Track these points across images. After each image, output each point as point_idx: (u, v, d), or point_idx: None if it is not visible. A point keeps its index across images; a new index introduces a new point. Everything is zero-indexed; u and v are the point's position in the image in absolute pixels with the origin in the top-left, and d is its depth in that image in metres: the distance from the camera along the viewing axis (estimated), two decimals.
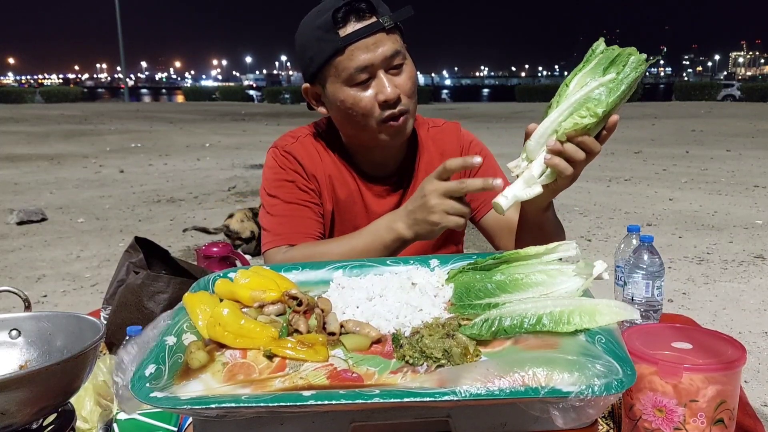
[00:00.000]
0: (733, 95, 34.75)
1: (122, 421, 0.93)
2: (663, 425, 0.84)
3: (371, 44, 1.30)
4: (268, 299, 0.97)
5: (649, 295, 1.28)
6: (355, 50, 1.29)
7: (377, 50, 1.30)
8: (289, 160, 1.48)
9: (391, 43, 1.32)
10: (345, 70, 1.31)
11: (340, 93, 1.34)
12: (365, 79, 1.32)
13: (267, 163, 1.52)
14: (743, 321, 3.88)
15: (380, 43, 1.30)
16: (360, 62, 1.30)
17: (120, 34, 47.40)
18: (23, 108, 31.54)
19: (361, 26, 1.30)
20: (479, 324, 0.87)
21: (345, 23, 1.30)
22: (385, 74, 1.32)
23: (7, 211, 7.06)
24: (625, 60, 1.10)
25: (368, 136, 1.39)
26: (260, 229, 1.56)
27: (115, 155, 12.52)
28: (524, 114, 24.48)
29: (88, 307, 3.96)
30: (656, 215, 6.65)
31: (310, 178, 1.48)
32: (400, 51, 1.34)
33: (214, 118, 23.86)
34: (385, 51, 1.31)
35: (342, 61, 1.30)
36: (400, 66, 1.34)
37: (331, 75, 1.34)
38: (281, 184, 1.47)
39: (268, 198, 1.49)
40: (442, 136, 1.57)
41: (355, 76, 1.31)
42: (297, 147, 1.49)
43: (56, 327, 0.92)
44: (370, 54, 1.30)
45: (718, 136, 14.45)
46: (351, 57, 1.30)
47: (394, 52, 1.32)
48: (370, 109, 1.33)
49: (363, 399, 0.70)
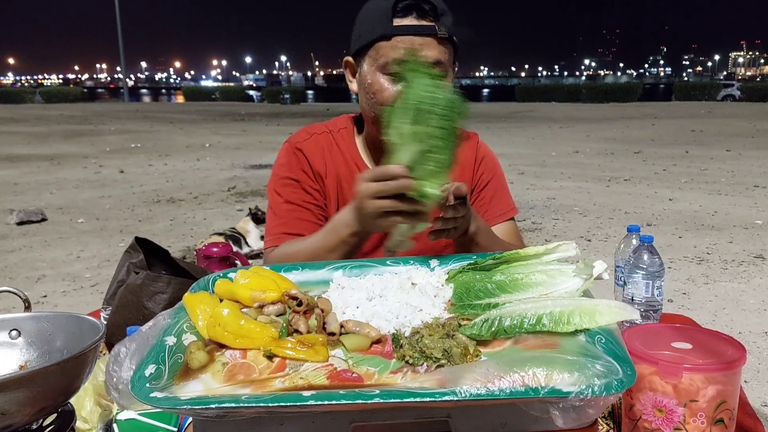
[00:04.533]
0: (733, 95, 34.74)
1: (122, 421, 0.93)
2: (663, 425, 0.84)
3: (417, 44, 1.31)
4: (268, 299, 0.97)
5: (649, 295, 1.28)
6: (400, 42, 1.31)
7: (420, 52, 1.30)
8: (298, 158, 1.49)
9: (437, 52, 1.32)
10: (383, 56, 1.32)
11: (371, 76, 1.36)
12: (398, 73, 1.33)
13: (278, 158, 1.53)
14: (743, 321, 3.88)
15: (427, 46, 1.31)
16: (399, 55, 1.30)
17: (120, 34, 47.39)
18: (23, 108, 31.54)
19: (416, 23, 1.31)
20: (479, 324, 0.87)
21: (404, 15, 1.32)
22: None
23: (7, 212, 7.06)
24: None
25: (378, 128, 1.39)
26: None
27: (115, 155, 12.52)
28: (524, 114, 24.49)
29: (88, 307, 3.96)
30: (656, 215, 6.65)
31: (317, 178, 1.49)
32: (443, 63, 1.34)
33: (214, 118, 23.85)
34: (427, 55, 1.31)
35: (384, 47, 1.32)
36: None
37: (370, 56, 1.35)
38: (287, 183, 1.49)
39: (273, 195, 1.51)
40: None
41: (389, 66, 1.32)
42: (309, 144, 1.50)
43: (56, 327, 0.92)
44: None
45: (718, 136, 14.46)
46: (394, 47, 1.31)
47: (435, 60, 1.32)
48: (389, 102, 1.34)
49: (363, 399, 0.70)
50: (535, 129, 17.33)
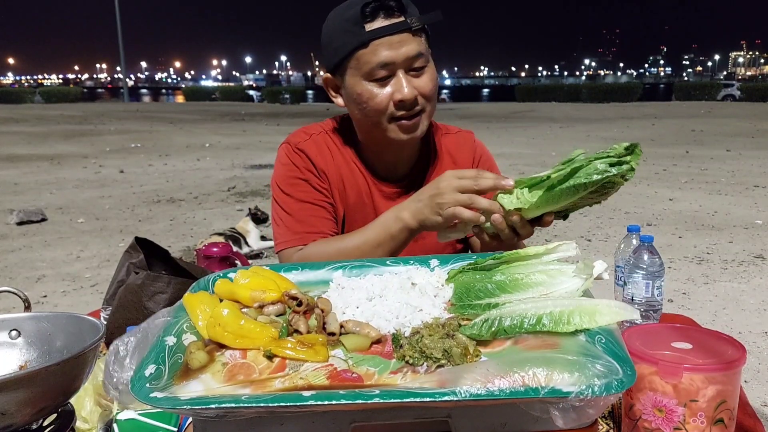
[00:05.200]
0: (733, 95, 34.74)
1: (122, 421, 0.93)
2: (663, 425, 0.84)
3: (395, 42, 1.31)
4: (268, 299, 0.97)
5: (649, 295, 1.28)
6: (379, 46, 1.31)
7: (400, 49, 1.31)
8: (302, 158, 1.48)
9: (416, 45, 1.33)
10: (366, 64, 1.32)
11: (358, 86, 1.35)
12: (384, 76, 1.33)
13: (279, 159, 1.51)
14: (743, 321, 3.88)
15: (404, 42, 1.31)
16: (382, 58, 1.31)
17: (120, 34, 47.37)
18: (23, 108, 31.53)
19: (388, 23, 1.31)
20: (479, 324, 0.87)
21: (373, 18, 1.31)
22: (404, 74, 1.33)
23: (7, 212, 7.06)
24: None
25: (379, 132, 1.39)
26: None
27: (115, 155, 12.52)
28: (524, 114, 24.49)
29: (88, 307, 3.96)
30: (656, 215, 6.65)
31: (322, 177, 1.48)
32: (423, 54, 1.34)
33: (214, 118, 23.84)
34: (408, 51, 1.31)
35: (364, 55, 1.32)
36: (421, 68, 1.35)
37: (352, 67, 1.35)
38: (295, 182, 1.47)
39: (282, 195, 1.48)
40: (455, 145, 1.57)
41: (374, 72, 1.32)
42: (309, 144, 1.49)
43: (56, 327, 0.92)
44: (392, 52, 1.31)
45: (718, 136, 14.45)
46: (374, 52, 1.31)
47: (416, 53, 1.32)
48: (384, 106, 1.34)
49: (363, 399, 0.70)
50: (536, 129, 17.33)
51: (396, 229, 1.28)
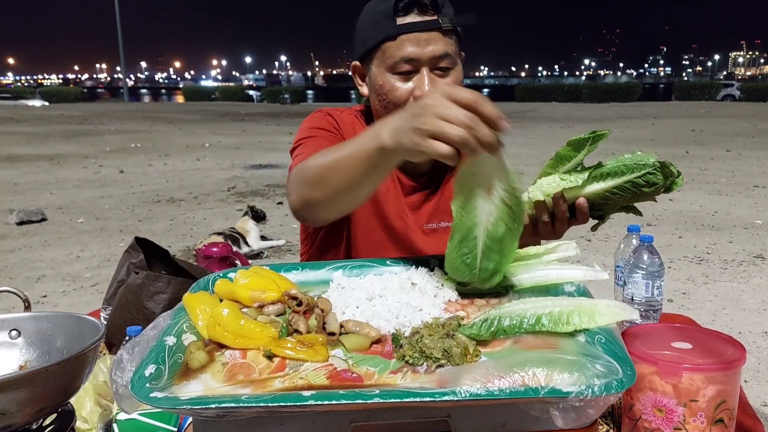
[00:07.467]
0: (732, 95, 34.74)
1: (122, 421, 0.93)
2: (663, 425, 0.84)
3: (423, 40, 1.31)
4: (267, 299, 0.97)
5: (648, 295, 1.28)
6: (406, 41, 1.31)
7: (427, 47, 1.31)
8: (331, 121, 1.49)
9: (443, 45, 1.32)
10: (391, 57, 1.33)
11: (380, 77, 1.36)
12: (408, 71, 1.33)
13: (307, 119, 1.51)
14: (743, 321, 3.88)
15: (432, 41, 1.31)
16: (407, 53, 1.31)
17: (120, 34, 47.37)
18: (23, 108, 31.52)
19: (419, 20, 1.32)
20: (479, 324, 0.87)
21: (405, 14, 1.32)
22: (429, 72, 1.33)
23: (7, 212, 7.06)
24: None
25: None
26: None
27: (115, 155, 12.52)
28: (524, 114, 24.47)
29: (88, 307, 3.95)
30: (656, 215, 6.65)
31: None
32: (451, 55, 1.34)
33: (214, 118, 23.84)
34: (434, 50, 1.31)
35: (390, 47, 1.32)
36: (447, 69, 1.35)
37: (378, 58, 1.36)
38: (318, 132, 1.45)
39: (299, 141, 1.43)
40: None
41: (398, 65, 1.32)
42: (340, 115, 1.51)
43: (56, 327, 0.92)
44: (418, 48, 1.31)
45: (718, 136, 14.45)
46: (400, 46, 1.31)
47: (443, 53, 1.32)
48: (403, 100, 1.34)
49: (363, 399, 0.70)
50: (536, 129, 17.32)
51: (373, 147, 0.98)
